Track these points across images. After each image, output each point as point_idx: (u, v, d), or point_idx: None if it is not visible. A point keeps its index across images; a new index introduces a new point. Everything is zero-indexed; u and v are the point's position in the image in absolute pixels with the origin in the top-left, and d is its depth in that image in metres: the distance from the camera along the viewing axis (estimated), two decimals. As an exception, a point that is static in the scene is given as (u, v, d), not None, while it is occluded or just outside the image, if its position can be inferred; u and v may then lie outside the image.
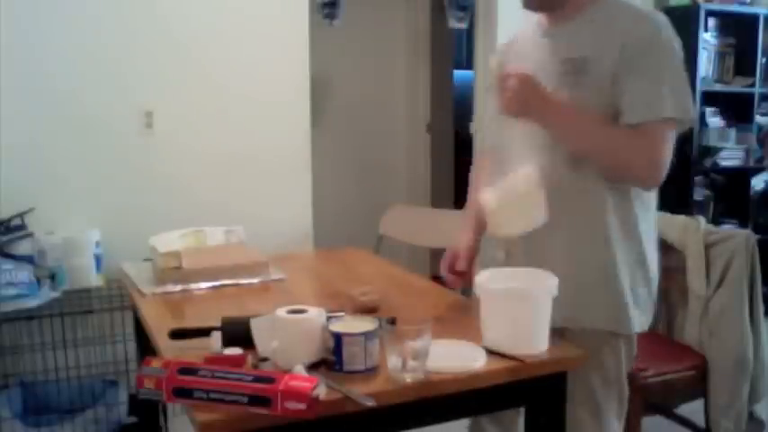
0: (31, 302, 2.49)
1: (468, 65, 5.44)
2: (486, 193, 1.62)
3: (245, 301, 1.87)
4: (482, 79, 3.81)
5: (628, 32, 1.61)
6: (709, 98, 4.15)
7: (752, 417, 2.63)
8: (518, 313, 1.44)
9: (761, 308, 2.56)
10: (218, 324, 1.48)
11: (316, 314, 1.40)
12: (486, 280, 1.49)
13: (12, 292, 2.46)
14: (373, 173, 4.74)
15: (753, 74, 4.22)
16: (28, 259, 2.58)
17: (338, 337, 1.33)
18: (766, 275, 2.72)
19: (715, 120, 4.24)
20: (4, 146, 2.69)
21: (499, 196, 1.58)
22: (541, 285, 1.46)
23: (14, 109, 2.70)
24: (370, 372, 1.34)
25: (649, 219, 1.74)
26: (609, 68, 1.60)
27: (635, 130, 1.59)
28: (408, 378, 1.31)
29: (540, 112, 1.60)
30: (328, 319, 1.41)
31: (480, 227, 1.83)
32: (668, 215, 2.82)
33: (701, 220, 2.69)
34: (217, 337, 1.45)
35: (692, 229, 2.66)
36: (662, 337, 2.80)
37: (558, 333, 1.53)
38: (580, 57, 1.64)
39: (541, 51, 1.73)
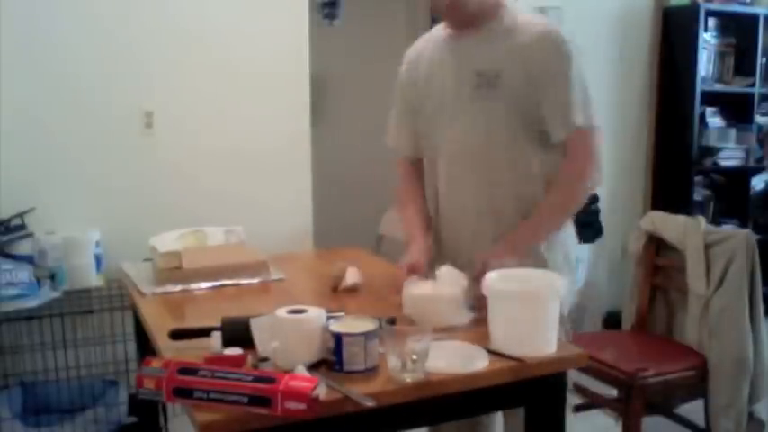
0: (31, 302, 2.49)
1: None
2: (409, 289, 1.67)
3: (245, 301, 1.87)
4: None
5: (531, 50, 1.73)
6: (710, 98, 4.15)
7: (752, 417, 2.63)
8: (527, 314, 1.43)
9: (761, 308, 2.57)
10: (219, 324, 1.48)
11: (316, 314, 1.40)
12: (494, 281, 1.49)
13: (12, 292, 2.46)
14: (373, 172, 4.74)
15: (753, 74, 4.22)
16: (28, 259, 2.58)
17: (338, 337, 1.33)
18: (766, 275, 2.72)
19: (715, 120, 4.24)
20: (4, 146, 2.69)
21: (418, 301, 1.63)
22: (550, 286, 1.46)
23: (14, 109, 2.70)
24: (370, 372, 1.34)
25: None
26: (519, 84, 1.74)
27: (559, 183, 1.79)
28: (408, 378, 1.31)
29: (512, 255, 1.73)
30: (328, 319, 1.41)
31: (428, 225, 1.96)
32: (668, 215, 2.83)
33: (701, 220, 2.69)
34: (217, 337, 1.45)
35: (692, 229, 2.66)
36: (662, 337, 2.81)
37: None
38: (492, 70, 1.76)
39: (454, 63, 1.85)
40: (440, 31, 1.93)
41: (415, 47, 2.01)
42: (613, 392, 2.64)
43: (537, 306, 1.44)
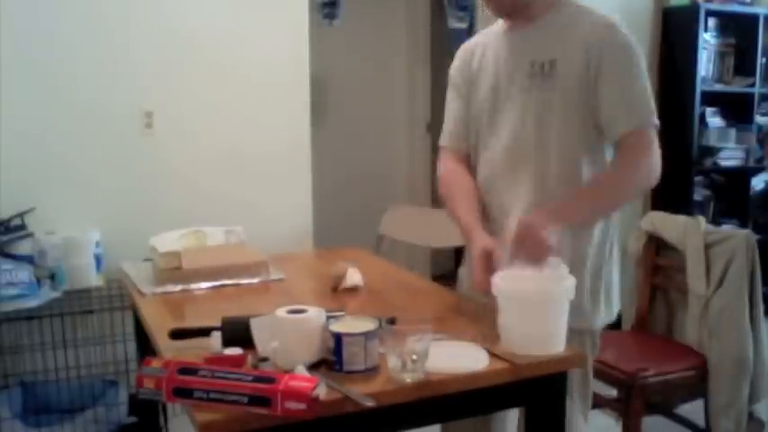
0: (31, 302, 2.49)
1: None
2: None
3: (245, 301, 1.87)
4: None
5: (594, 39, 1.68)
6: (710, 98, 4.15)
7: (752, 417, 2.63)
8: (537, 315, 1.43)
9: (761, 308, 2.57)
10: (219, 324, 1.48)
11: (316, 314, 1.40)
12: (503, 282, 1.48)
13: (12, 292, 2.46)
14: (373, 172, 4.74)
15: (753, 74, 4.22)
16: (28, 259, 2.58)
17: (338, 337, 1.33)
18: (766, 275, 2.72)
19: (715, 120, 4.24)
20: (4, 146, 2.69)
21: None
22: (559, 287, 1.45)
23: (14, 109, 2.70)
24: (370, 372, 1.34)
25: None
26: (576, 72, 1.68)
27: (622, 158, 1.70)
28: (408, 378, 1.31)
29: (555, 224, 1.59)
30: (328, 319, 1.41)
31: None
32: (668, 215, 2.83)
33: (701, 220, 2.69)
34: (217, 337, 1.45)
35: (692, 229, 2.66)
36: (662, 337, 2.81)
37: None
38: (548, 59, 1.72)
39: (507, 53, 1.81)
40: (499, 26, 1.89)
41: (471, 40, 1.98)
42: (613, 392, 2.64)
43: (541, 307, 1.44)
